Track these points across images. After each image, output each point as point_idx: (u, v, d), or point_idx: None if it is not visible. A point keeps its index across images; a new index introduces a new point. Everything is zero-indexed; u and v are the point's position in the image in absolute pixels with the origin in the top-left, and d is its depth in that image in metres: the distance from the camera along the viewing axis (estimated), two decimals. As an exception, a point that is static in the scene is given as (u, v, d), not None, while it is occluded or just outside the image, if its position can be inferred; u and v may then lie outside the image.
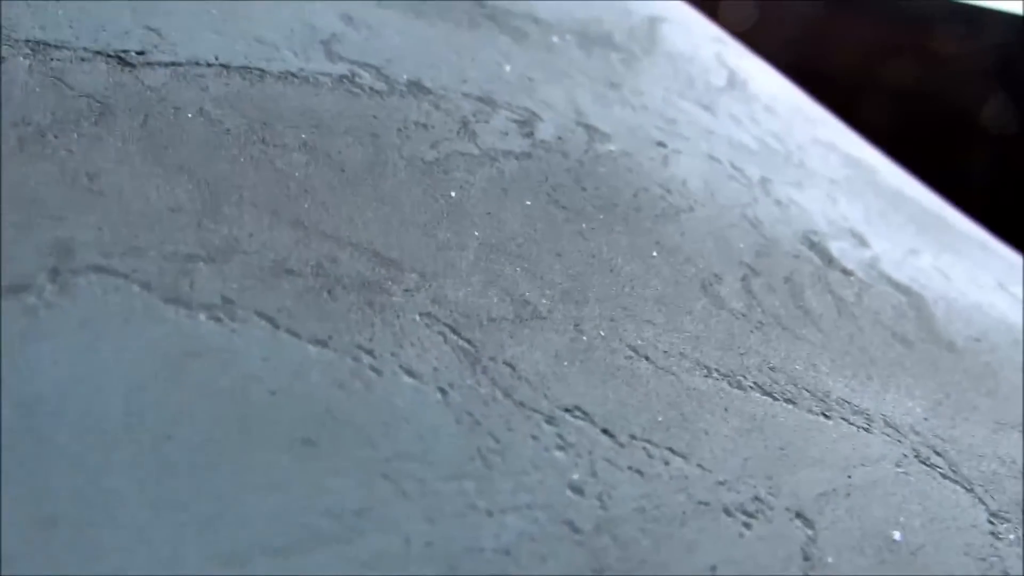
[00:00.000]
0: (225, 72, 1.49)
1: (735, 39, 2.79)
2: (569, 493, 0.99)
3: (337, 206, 1.30)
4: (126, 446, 0.84)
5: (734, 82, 2.35)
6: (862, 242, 1.88)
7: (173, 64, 1.46)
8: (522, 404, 1.07)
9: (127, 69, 1.40)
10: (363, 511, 0.88)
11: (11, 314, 0.94)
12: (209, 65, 1.49)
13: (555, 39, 2.07)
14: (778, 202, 1.86)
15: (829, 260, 1.73)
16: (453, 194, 1.42)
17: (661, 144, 1.84)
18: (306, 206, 1.27)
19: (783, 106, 2.41)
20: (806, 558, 1.04)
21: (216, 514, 0.84)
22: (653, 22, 2.43)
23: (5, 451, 0.81)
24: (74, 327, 0.94)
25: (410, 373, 1.05)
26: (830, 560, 1.05)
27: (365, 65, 1.66)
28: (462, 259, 1.29)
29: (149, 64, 1.44)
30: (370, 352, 1.06)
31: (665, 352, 1.27)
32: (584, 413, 1.10)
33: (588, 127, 1.78)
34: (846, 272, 1.72)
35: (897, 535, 1.11)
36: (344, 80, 1.59)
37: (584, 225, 1.49)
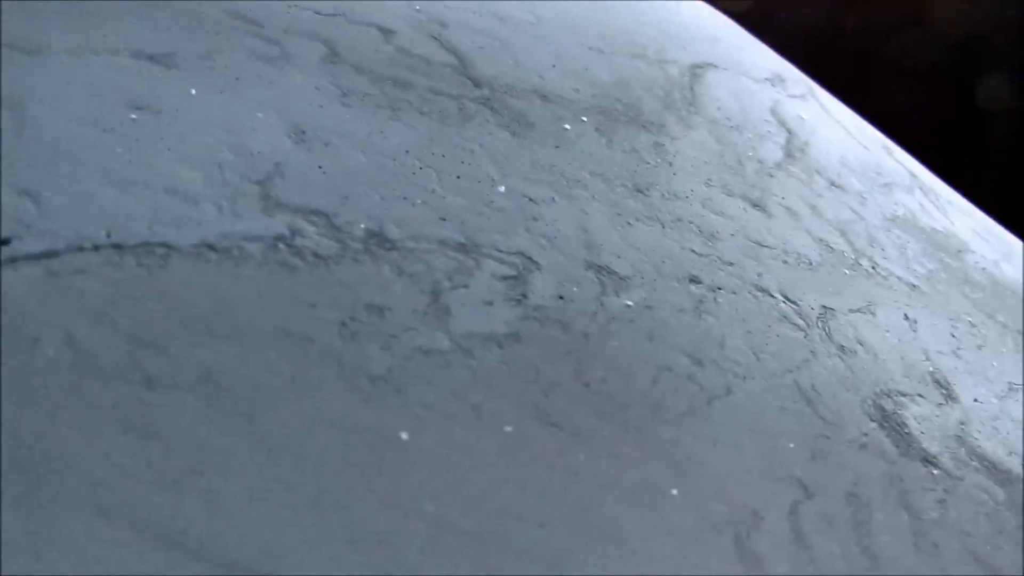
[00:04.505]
0: (117, 256, 1.15)
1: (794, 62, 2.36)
2: None
3: (227, 493, 0.96)
4: None
5: (792, 150, 1.94)
6: (948, 395, 1.50)
7: (47, 255, 1.13)
8: None
9: (-23, 275, 1.07)
10: None
11: None
12: (97, 248, 1.15)
13: (567, 125, 1.68)
14: (841, 349, 1.48)
15: (907, 443, 1.36)
16: (404, 436, 1.08)
17: (695, 280, 1.47)
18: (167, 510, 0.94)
19: (853, 173, 2.00)
20: None
21: None
22: (695, 73, 2.02)
23: None
24: None
25: None
26: None
27: (311, 213, 1.30)
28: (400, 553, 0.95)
29: (13, 260, 1.10)
30: None
31: None
32: None
33: (600, 269, 1.41)
34: (927, 462, 1.35)
35: None
36: (279, 244, 1.25)
37: (581, 456, 1.14)
